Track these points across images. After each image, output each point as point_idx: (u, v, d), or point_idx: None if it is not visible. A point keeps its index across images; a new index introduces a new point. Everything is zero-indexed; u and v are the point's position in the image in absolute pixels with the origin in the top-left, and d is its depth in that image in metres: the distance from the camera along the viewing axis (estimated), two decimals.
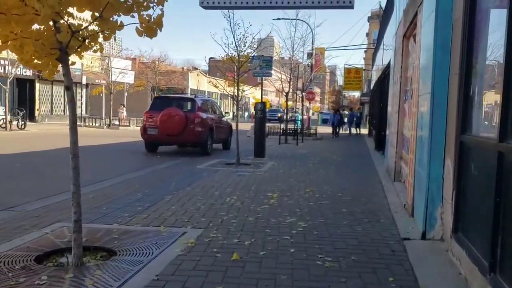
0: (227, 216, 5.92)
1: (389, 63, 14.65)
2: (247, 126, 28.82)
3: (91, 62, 35.09)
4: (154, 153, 14.42)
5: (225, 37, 11.43)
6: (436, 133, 5.03)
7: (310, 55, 33.52)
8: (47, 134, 22.28)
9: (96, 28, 4.30)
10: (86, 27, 4.11)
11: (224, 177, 9.47)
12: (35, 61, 4.20)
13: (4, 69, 28.31)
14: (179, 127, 13.48)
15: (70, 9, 4.10)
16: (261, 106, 14.06)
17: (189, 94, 15.78)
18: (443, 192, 4.95)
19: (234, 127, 14.12)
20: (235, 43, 11.47)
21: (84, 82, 32.63)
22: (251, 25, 11.51)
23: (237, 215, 5.99)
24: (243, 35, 11.50)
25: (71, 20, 4.20)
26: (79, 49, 4.42)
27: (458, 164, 4.42)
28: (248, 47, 11.60)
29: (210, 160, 12.86)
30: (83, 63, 34.41)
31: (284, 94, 22.63)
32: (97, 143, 17.72)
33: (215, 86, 13.36)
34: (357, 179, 9.83)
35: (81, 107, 35.76)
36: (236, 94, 11.88)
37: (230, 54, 11.55)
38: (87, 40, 4.36)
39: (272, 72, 15.72)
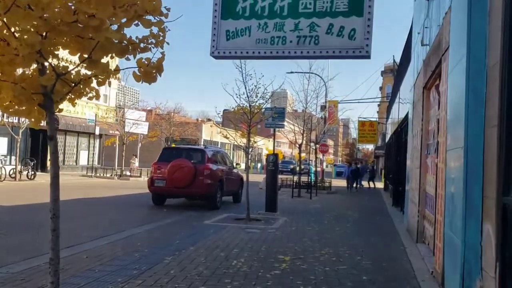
0: (232, 284, 5.23)
1: (406, 116, 14.15)
2: (259, 177, 28.24)
3: (106, 114, 35.32)
4: (161, 207, 13.82)
5: (237, 88, 11.11)
6: (471, 194, 4.39)
7: (323, 107, 33.34)
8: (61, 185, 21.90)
9: (88, 72, 3.85)
10: (73, 69, 3.65)
11: (232, 235, 8.80)
12: (16, 107, 3.74)
13: (19, 119, 28.49)
14: (187, 179, 12.95)
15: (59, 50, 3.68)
16: (273, 158, 13.54)
17: (199, 145, 15.25)
18: (482, 262, 4.25)
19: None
20: (247, 93, 11.13)
21: (97, 132, 32.63)
22: (263, 75, 11.19)
23: (243, 282, 5.30)
24: (255, 86, 11.19)
25: (60, 63, 3.77)
26: (69, 95, 3.96)
27: (501, 231, 3.75)
28: (260, 97, 11.25)
29: (218, 214, 12.21)
30: (97, 113, 34.71)
31: (297, 146, 22.17)
32: (105, 195, 17.22)
33: (225, 137, 12.91)
34: (376, 240, 9.08)
35: (92, 157, 35.67)
36: (247, 145, 11.40)
37: (241, 105, 11.18)
38: (79, 85, 3.90)
39: (285, 123, 15.26)
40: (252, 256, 6.80)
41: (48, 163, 32.41)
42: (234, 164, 16.37)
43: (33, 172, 24.36)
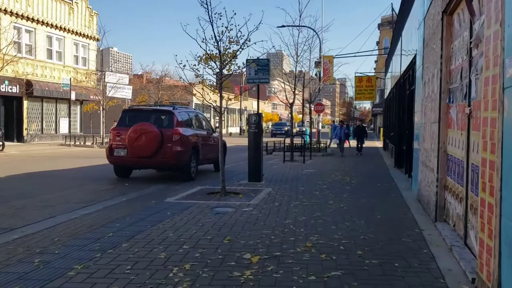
0: None
1: (411, 63, 11.92)
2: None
3: (86, 78, 32.81)
4: (125, 180, 11.75)
5: (202, 30, 8.80)
6: None
7: (317, 63, 30.92)
8: (27, 156, 19.76)
9: None
10: None
11: (193, 219, 6.74)
12: None
13: None
14: (152, 147, 10.82)
15: None
16: (255, 118, 11.36)
17: (167, 106, 13.00)
18: None
19: (245, 143, 11.43)
20: (215, 36, 8.84)
21: (73, 97, 30.24)
22: (235, 13, 8.83)
23: None
24: (226, 27, 8.87)
25: None
26: None
27: None
28: (233, 42, 8.95)
29: (190, 188, 10.16)
30: (76, 78, 32.22)
31: (289, 105, 19.94)
32: (71, 166, 15.15)
33: (193, 94, 10.69)
34: (381, 218, 7.03)
35: (74, 125, 33.42)
36: (219, 103, 9.24)
37: (208, 52, 8.91)
38: None
39: (269, 78, 12.98)
40: (205, 256, 4.75)
41: (25, 132, 30.23)
42: (214, 128, 14.16)
43: (1, 143, 22.16)
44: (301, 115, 34.45)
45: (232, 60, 9.23)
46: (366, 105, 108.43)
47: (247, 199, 8.57)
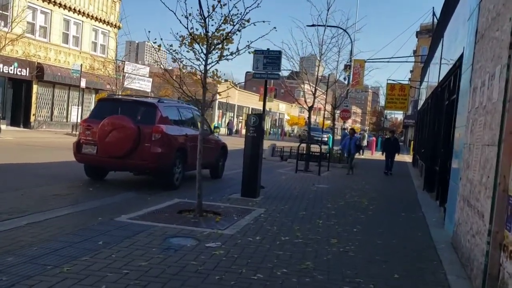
0: None
1: (454, 67, 9.64)
2: (277, 145, 24.07)
3: (104, 66, 31.32)
4: (96, 182, 9.84)
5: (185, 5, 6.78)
6: None
7: (347, 67, 28.61)
8: (19, 144, 18.15)
9: None
10: None
11: (124, 257, 4.70)
12: None
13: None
14: (125, 145, 8.87)
15: None
16: (254, 119, 9.26)
17: (151, 98, 11.02)
18: None
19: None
20: (201, 12, 6.81)
21: (83, 85, 28.69)
22: None
23: None
24: (219, 1, 6.82)
25: None
26: None
27: None
28: (223, 21, 6.90)
29: (165, 199, 8.18)
30: (93, 65, 30.73)
31: (307, 108, 17.77)
32: (52, 160, 13.38)
33: (172, 84, 8.60)
34: (400, 277, 4.85)
35: (80, 113, 32.00)
36: (203, 97, 7.24)
37: (194, 32, 6.88)
38: None
39: (279, 73, 10.87)
40: None
41: (32, 118, 28.92)
42: (212, 128, 12.12)
43: None
44: (329, 121, 31.87)
45: (225, 43, 7.18)
46: (398, 115, 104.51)
47: (223, 225, 6.49)
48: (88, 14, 31.96)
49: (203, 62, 7.08)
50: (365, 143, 34.20)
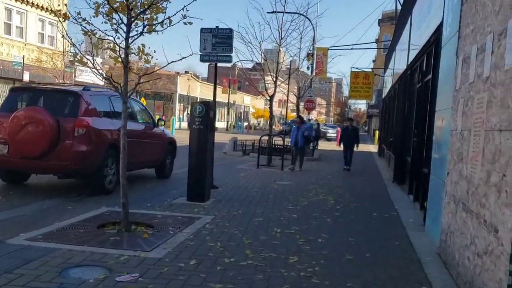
0: None
1: (428, 43, 8.44)
2: (240, 138, 22.56)
3: (52, 58, 29.00)
4: (12, 187, 8.18)
5: None
6: None
7: (310, 55, 27.38)
8: None
9: None
10: None
11: None
12: None
13: None
14: (41, 143, 7.25)
15: None
16: (200, 109, 7.80)
17: (72, 86, 9.35)
18: None
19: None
20: None
21: (26, 79, 26.39)
22: None
23: None
24: None
25: None
26: None
27: None
28: None
29: (89, 208, 6.65)
30: (40, 58, 28.36)
31: (268, 98, 16.39)
32: None
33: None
34: None
35: None
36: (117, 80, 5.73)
37: None
38: None
39: (231, 56, 9.40)
40: None
41: None
42: (156, 121, 10.55)
43: None
44: (295, 113, 30.36)
45: (153, 13, 5.67)
46: (362, 106, 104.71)
47: (151, 244, 5.02)
48: (33, 3, 29.53)
49: (124, 35, 5.54)
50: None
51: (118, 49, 5.48)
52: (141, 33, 5.54)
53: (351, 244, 5.56)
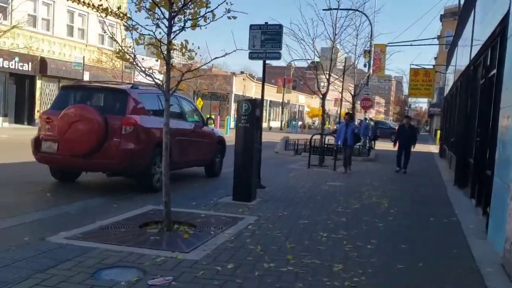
0: None
1: (494, 34, 7.77)
2: (292, 137, 22.27)
3: (111, 59, 29.99)
4: (62, 184, 8.34)
5: None
6: None
7: (367, 52, 26.56)
8: (9, 142, 16.84)
9: None
10: None
11: None
12: None
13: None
14: (88, 142, 7.31)
15: None
16: (247, 106, 7.59)
17: (124, 84, 9.37)
18: None
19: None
20: None
21: (86, 79, 27.37)
22: None
23: None
24: None
25: None
26: None
27: None
28: None
29: (135, 206, 6.62)
30: (100, 59, 29.44)
31: (320, 96, 15.96)
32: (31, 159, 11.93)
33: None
34: None
35: None
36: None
37: None
38: None
39: (280, 52, 9.12)
40: None
41: (37, 114, 27.77)
42: (205, 119, 10.45)
43: None
44: (351, 112, 29.40)
45: (196, 6, 5.50)
46: (423, 104, 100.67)
47: (191, 245, 4.85)
48: (93, 5, 30.64)
49: (166, 31, 5.41)
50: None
51: (159, 45, 5.35)
52: (183, 28, 5.39)
53: (403, 252, 5.13)
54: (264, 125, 59.20)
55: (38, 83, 27.41)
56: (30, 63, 26.02)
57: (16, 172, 9.51)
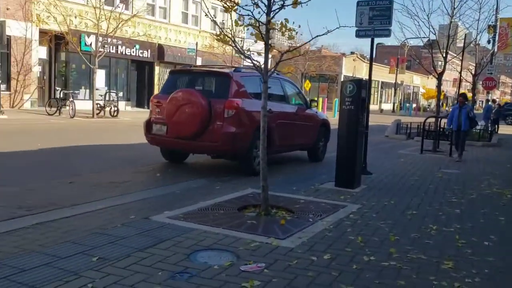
0: None
1: None
2: (404, 121, 21.19)
3: (223, 45, 30.87)
4: (172, 165, 8.72)
5: None
6: None
7: (491, 27, 24.15)
8: (134, 124, 18.14)
9: None
10: None
11: (111, 277, 3.25)
12: None
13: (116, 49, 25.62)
14: (193, 124, 7.49)
15: None
16: (351, 87, 7.20)
17: (226, 68, 9.37)
18: None
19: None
20: None
21: (199, 64, 28.46)
22: None
23: None
24: None
25: None
26: None
27: None
28: None
29: (235, 189, 6.69)
30: (212, 44, 30.47)
31: (436, 76, 14.77)
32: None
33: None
34: None
35: None
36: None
37: None
38: None
39: (390, 29, 8.52)
40: None
41: None
42: (309, 102, 10.18)
43: (115, 109, 21.17)
44: (471, 93, 27.01)
45: None
46: None
47: (287, 231, 4.71)
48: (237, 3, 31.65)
49: (265, 10, 5.26)
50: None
51: (259, 25, 5.22)
52: (282, 6, 5.19)
53: None
54: (375, 107, 57.09)
55: (156, 69, 29.16)
56: (149, 50, 27.75)
57: (134, 152, 10.18)
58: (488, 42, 25.94)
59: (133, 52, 26.91)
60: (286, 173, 8.58)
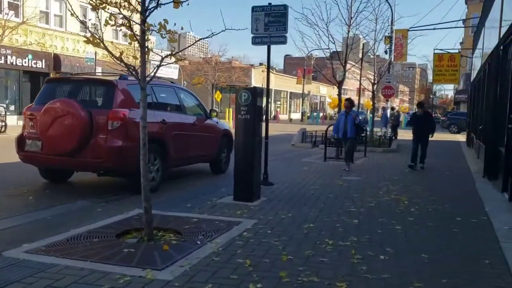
0: None
1: None
2: (311, 129, 21.33)
3: (125, 53, 29.45)
4: (50, 185, 7.73)
5: None
6: None
7: (387, 38, 25.36)
8: None
9: None
10: None
11: None
12: None
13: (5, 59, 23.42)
14: (71, 139, 6.64)
15: None
16: (246, 96, 6.80)
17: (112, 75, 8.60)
18: None
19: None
20: None
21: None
22: None
23: None
24: None
25: None
26: None
27: None
28: None
29: (121, 211, 5.92)
30: (115, 54, 28.93)
31: (336, 84, 15.00)
32: None
33: None
34: None
35: None
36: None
37: None
38: None
39: (286, 36, 8.26)
40: None
41: None
42: (209, 112, 9.68)
43: (3, 124, 19.19)
44: (373, 102, 28.10)
45: None
46: (449, 92, 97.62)
47: (168, 259, 4.10)
48: (105, 0, 30.17)
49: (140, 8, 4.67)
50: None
51: (130, 25, 4.61)
52: (158, 4, 4.63)
53: (423, 264, 4.29)
54: (285, 117, 58.18)
55: None
56: (43, 60, 25.75)
57: (11, 172, 8.96)
58: (386, 52, 27.25)
59: (25, 63, 24.80)
60: (183, 188, 7.98)
